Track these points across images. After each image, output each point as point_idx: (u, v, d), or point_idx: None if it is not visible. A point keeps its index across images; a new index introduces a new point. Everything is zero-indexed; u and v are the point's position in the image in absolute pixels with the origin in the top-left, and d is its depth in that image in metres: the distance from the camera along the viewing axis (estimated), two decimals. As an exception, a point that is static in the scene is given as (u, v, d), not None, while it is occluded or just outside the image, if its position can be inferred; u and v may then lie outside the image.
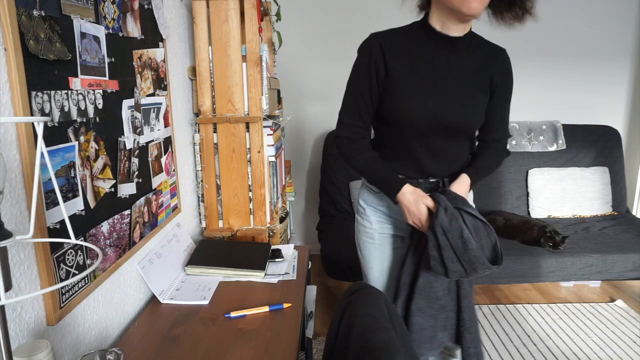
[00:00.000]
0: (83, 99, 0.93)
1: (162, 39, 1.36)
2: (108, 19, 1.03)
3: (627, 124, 3.00)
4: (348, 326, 0.89)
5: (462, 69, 1.13)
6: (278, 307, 1.18)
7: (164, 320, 1.13)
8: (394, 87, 1.13)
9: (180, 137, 1.55)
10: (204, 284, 1.32)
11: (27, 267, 0.78)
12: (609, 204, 2.67)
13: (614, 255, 2.11)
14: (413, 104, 1.12)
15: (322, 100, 2.87)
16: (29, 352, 0.69)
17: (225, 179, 1.66)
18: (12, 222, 0.75)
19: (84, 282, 0.94)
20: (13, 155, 0.75)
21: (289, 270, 1.43)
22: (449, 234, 1.06)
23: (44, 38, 0.80)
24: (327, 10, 2.74)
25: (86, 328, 0.97)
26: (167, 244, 1.38)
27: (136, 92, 1.18)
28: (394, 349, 0.79)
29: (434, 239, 1.07)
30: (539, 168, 2.69)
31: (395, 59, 1.12)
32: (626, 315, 2.22)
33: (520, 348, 1.95)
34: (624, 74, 2.92)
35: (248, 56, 1.57)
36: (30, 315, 0.80)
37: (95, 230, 0.98)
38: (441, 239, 1.06)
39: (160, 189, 1.35)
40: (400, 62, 1.12)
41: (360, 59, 1.16)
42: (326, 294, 2.51)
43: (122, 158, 1.10)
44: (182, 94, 1.58)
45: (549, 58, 2.87)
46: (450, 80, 1.13)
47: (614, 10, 2.81)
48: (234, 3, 1.54)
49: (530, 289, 2.54)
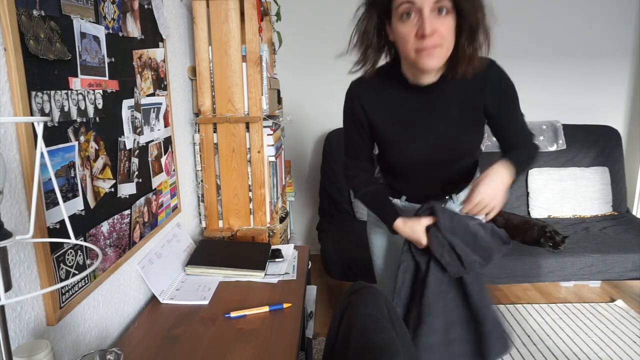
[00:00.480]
0: (83, 99, 0.93)
1: (162, 39, 1.36)
2: (108, 19, 1.03)
3: (627, 124, 3.00)
4: (348, 326, 0.89)
5: (445, 107, 1.09)
6: (278, 307, 1.18)
7: (164, 320, 1.13)
8: (380, 137, 1.17)
9: (180, 137, 1.55)
10: (204, 284, 1.32)
11: (27, 267, 0.78)
12: (609, 204, 2.67)
13: (614, 255, 2.11)
14: (402, 151, 1.17)
15: (322, 100, 2.87)
16: (29, 352, 0.69)
17: (225, 179, 1.66)
18: (12, 222, 0.75)
19: (84, 282, 0.94)
20: (13, 155, 0.75)
21: (289, 270, 1.43)
22: (456, 231, 1.09)
23: (44, 38, 0.80)
24: (327, 10, 2.74)
25: (86, 328, 0.97)
26: (167, 244, 1.38)
27: (136, 92, 1.18)
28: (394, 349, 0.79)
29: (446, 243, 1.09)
30: (539, 168, 2.69)
31: (375, 112, 1.14)
32: (626, 315, 2.22)
33: (520, 348, 1.95)
34: (624, 74, 2.92)
35: (248, 56, 1.57)
36: (30, 315, 0.80)
37: (95, 230, 0.98)
38: (450, 237, 1.09)
39: (160, 189, 1.35)
40: (380, 115, 1.14)
41: (345, 107, 1.19)
42: (326, 294, 2.51)
43: (122, 158, 1.10)
44: (182, 94, 1.58)
45: (549, 58, 2.87)
46: (434, 120, 1.11)
47: (614, 10, 2.81)
48: (234, 3, 1.54)
49: (530, 289, 2.54)
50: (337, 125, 2.76)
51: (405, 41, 0.97)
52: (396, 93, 1.10)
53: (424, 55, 0.96)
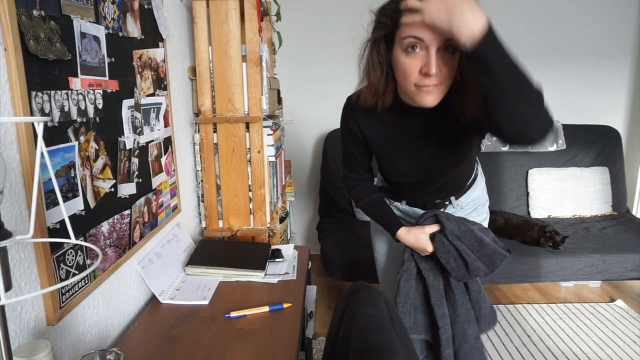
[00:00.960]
0: (83, 99, 0.93)
1: (162, 39, 1.36)
2: (108, 19, 1.03)
3: (627, 124, 3.00)
4: (348, 326, 0.89)
5: (438, 128, 1.07)
6: (278, 307, 1.18)
7: (164, 320, 1.13)
8: (375, 153, 1.19)
9: (180, 137, 1.55)
10: (204, 284, 1.32)
11: (27, 267, 0.78)
12: (609, 204, 2.67)
13: (614, 255, 2.11)
14: (397, 168, 1.18)
15: (322, 100, 2.87)
16: (29, 352, 0.69)
17: (225, 179, 1.66)
18: (12, 222, 0.75)
19: (84, 282, 0.94)
20: (13, 155, 0.75)
21: (289, 270, 1.43)
22: (462, 237, 1.11)
23: (44, 38, 0.80)
24: (327, 10, 2.74)
25: (86, 328, 0.97)
26: (167, 244, 1.38)
27: (136, 92, 1.18)
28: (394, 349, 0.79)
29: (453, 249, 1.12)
30: (539, 168, 2.69)
31: (368, 128, 1.14)
32: (626, 315, 2.22)
33: (520, 348, 1.95)
34: (624, 74, 2.92)
35: (248, 56, 1.57)
36: (30, 315, 0.80)
37: (95, 230, 0.98)
38: (457, 243, 1.11)
39: (160, 189, 1.35)
40: (374, 131, 1.14)
41: (342, 121, 1.19)
42: (326, 294, 2.51)
43: (122, 158, 1.10)
44: (182, 94, 1.58)
45: (549, 58, 2.87)
46: (426, 141, 1.09)
47: (614, 10, 2.81)
48: (234, 3, 1.54)
49: (530, 289, 2.54)
50: (337, 125, 2.76)
51: (407, 74, 0.92)
52: (391, 112, 1.08)
53: (424, 92, 0.92)
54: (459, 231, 1.11)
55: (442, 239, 1.12)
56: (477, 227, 1.14)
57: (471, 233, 1.11)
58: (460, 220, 1.14)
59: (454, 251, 1.11)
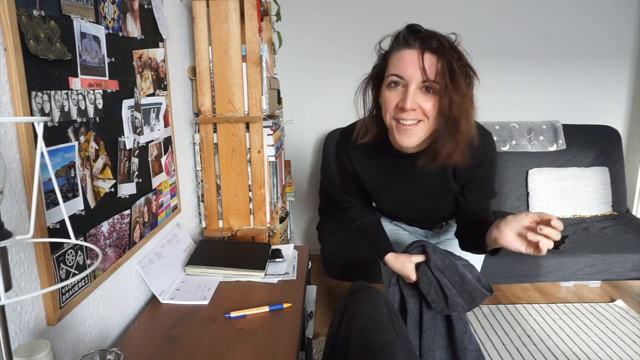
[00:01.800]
0: (83, 99, 0.93)
1: (162, 39, 1.36)
2: (108, 19, 1.03)
3: (627, 124, 3.00)
4: (348, 326, 0.89)
5: (425, 175, 1.10)
6: (278, 307, 1.18)
7: (164, 320, 1.13)
8: (365, 186, 1.25)
9: (180, 137, 1.55)
10: (204, 284, 1.32)
11: (27, 267, 0.78)
12: (609, 204, 2.67)
13: (614, 255, 2.11)
14: (386, 204, 1.31)
15: (322, 100, 2.87)
16: (29, 352, 0.69)
17: (225, 179, 1.66)
18: (12, 222, 0.75)
19: (84, 282, 0.94)
20: (13, 155, 0.75)
21: (289, 270, 1.43)
22: (445, 271, 1.13)
23: (44, 38, 0.80)
24: (327, 10, 2.74)
25: (86, 328, 0.97)
26: (167, 244, 1.38)
27: (136, 92, 1.18)
28: (394, 349, 0.79)
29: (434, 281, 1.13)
30: (539, 168, 2.69)
31: (359, 164, 1.20)
32: (626, 315, 2.22)
33: (520, 348, 1.95)
34: (624, 74, 2.92)
35: (248, 56, 1.57)
36: (30, 315, 0.80)
37: (95, 230, 0.98)
38: (439, 276, 1.13)
39: (160, 189, 1.35)
40: (365, 169, 1.20)
41: (335, 153, 1.25)
42: (326, 294, 2.51)
43: (122, 158, 1.10)
44: (182, 94, 1.58)
45: (549, 58, 2.87)
46: (412, 183, 1.15)
47: (614, 10, 2.81)
48: (234, 3, 1.54)
49: (530, 289, 2.54)
50: (337, 125, 2.76)
51: (386, 107, 0.99)
52: (381, 152, 1.14)
53: (402, 132, 0.97)
54: (442, 265, 1.13)
55: (426, 269, 1.14)
56: (461, 262, 1.15)
57: (454, 268, 1.13)
58: (446, 254, 1.15)
59: (436, 283, 1.13)
